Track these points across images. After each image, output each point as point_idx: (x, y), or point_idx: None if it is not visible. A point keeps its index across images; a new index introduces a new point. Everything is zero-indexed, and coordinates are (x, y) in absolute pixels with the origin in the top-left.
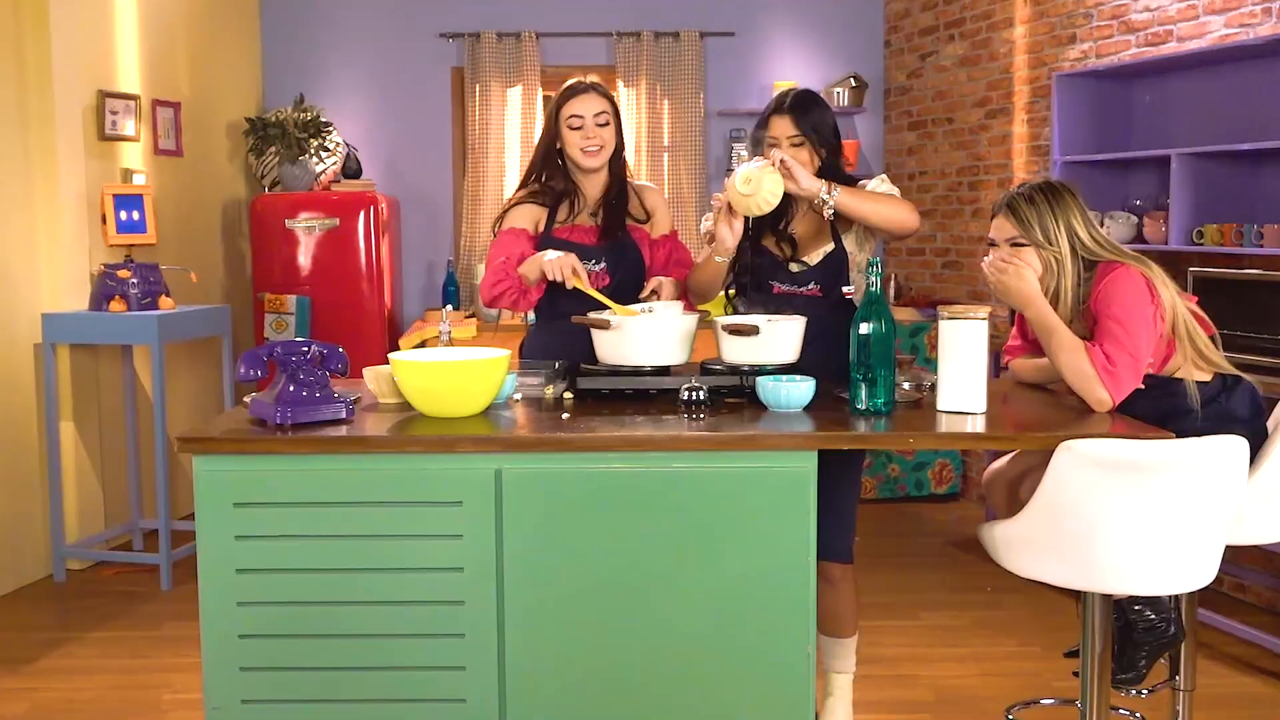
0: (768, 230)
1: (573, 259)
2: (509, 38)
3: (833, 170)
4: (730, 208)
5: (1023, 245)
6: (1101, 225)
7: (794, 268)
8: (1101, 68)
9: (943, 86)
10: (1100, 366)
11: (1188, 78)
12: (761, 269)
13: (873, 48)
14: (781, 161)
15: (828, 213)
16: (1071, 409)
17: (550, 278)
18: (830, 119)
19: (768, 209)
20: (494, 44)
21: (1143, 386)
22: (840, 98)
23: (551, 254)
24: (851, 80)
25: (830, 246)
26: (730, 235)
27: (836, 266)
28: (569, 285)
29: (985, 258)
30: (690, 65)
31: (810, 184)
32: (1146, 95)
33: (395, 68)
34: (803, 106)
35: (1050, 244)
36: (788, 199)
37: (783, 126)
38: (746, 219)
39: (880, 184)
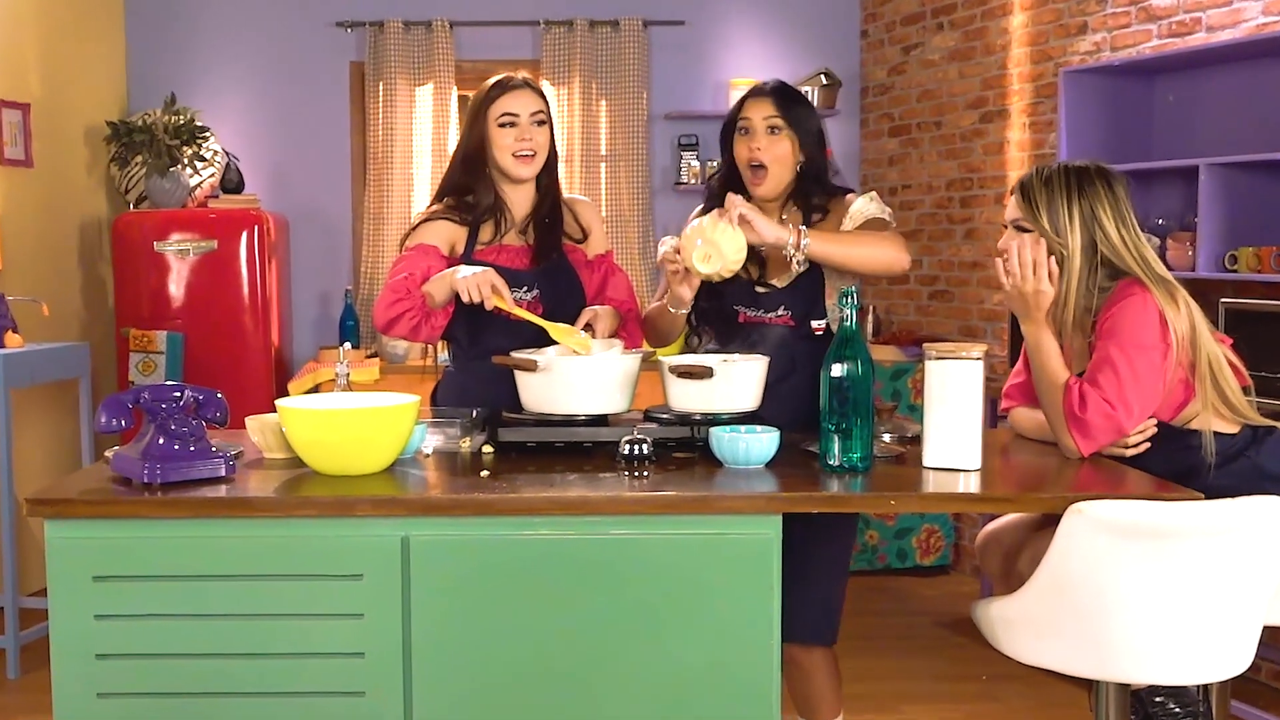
0: None
1: (492, 275)
2: (418, 27)
3: (818, 180)
4: (687, 270)
5: (1026, 230)
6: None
7: (760, 290)
8: (1117, 62)
9: (930, 85)
10: (1070, 409)
11: (1219, 74)
12: (725, 293)
13: (847, 39)
14: (740, 214)
15: (797, 263)
16: (1080, 462)
17: (465, 298)
18: (816, 118)
19: (736, 268)
20: (400, 34)
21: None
22: (810, 97)
23: (465, 270)
24: (822, 77)
25: (803, 269)
26: (689, 291)
27: (811, 291)
28: (489, 305)
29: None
30: (632, 59)
31: (774, 234)
32: (1170, 95)
33: (283, 63)
34: (787, 93)
35: (1057, 234)
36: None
37: (761, 108)
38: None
39: (869, 204)
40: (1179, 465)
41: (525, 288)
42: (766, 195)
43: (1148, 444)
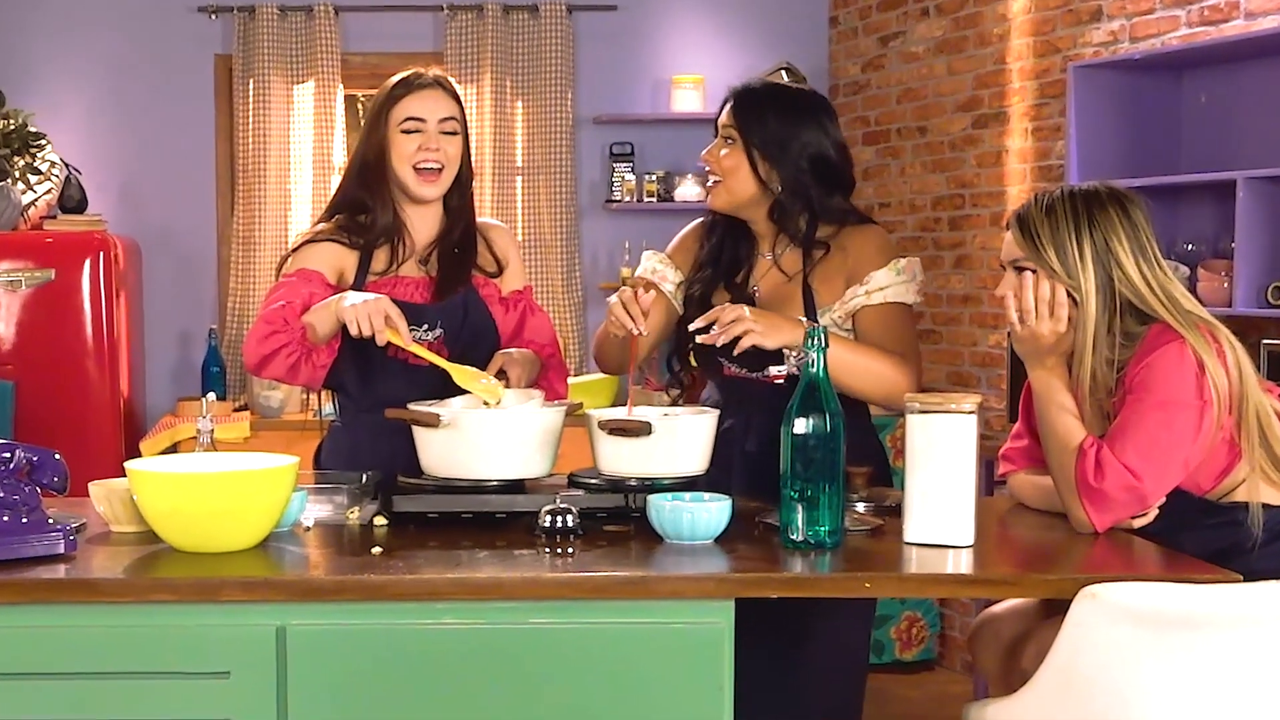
0: (721, 285)
1: (386, 303)
2: (296, 13)
3: (803, 207)
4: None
5: (1027, 269)
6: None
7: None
8: (1138, 56)
9: (913, 83)
10: (1083, 477)
11: (1260, 69)
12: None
13: (813, 27)
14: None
15: (796, 368)
16: (1094, 537)
17: (353, 330)
18: (811, 139)
19: None
20: (275, 22)
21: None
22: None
23: (354, 296)
24: (783, 74)
25: (800, 319)
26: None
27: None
28: (380, 340)
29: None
30: (554, 52)
31: (783, 338)
32: (1201, 95)
33: (134, 56)
34: (754, 100)
35: (1068, 274)
36: (750, 236)
37: (725, 113)
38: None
39: (895, 277)
40: (1216, 544)
41: (426, 325)
42: (720, 209)
43: (1156, 511)
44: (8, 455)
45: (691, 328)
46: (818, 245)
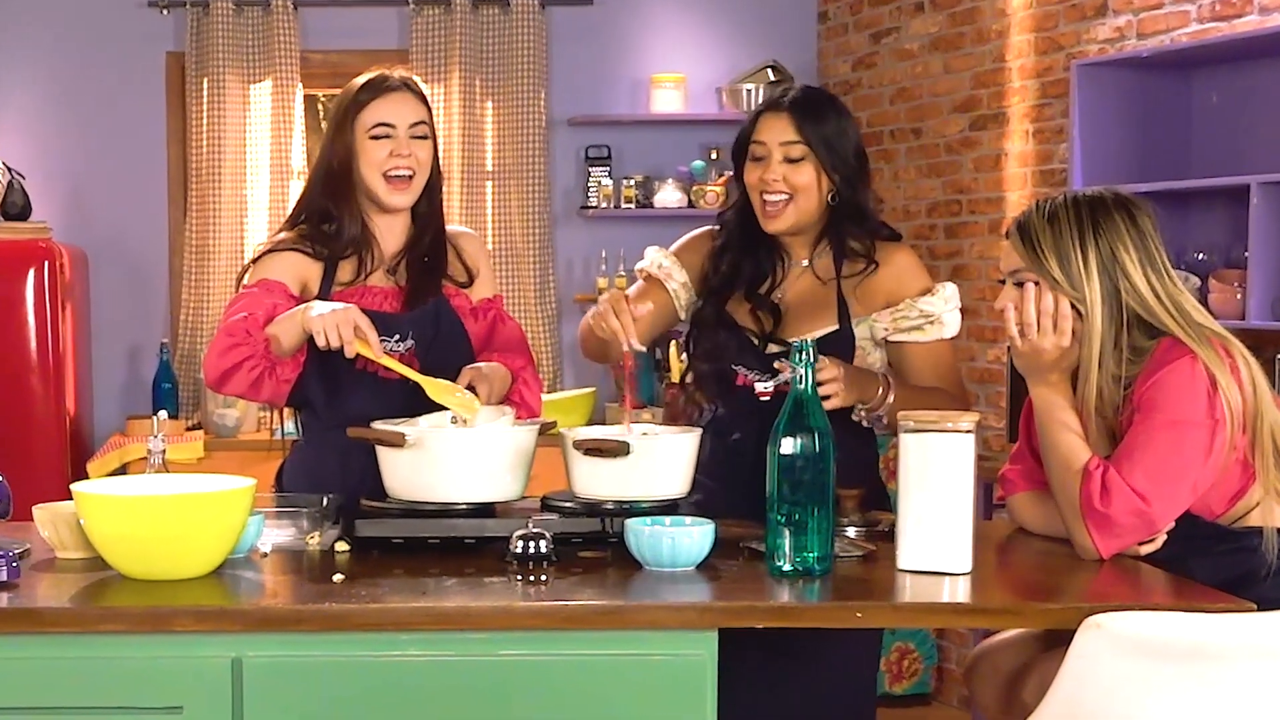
0: (742, 292)
1: (355, 313)
2: (252, 8)
3: (857, 215)
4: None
5: (1028, 280)
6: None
7: (772, 349)
8: (1145, 53)
9: (907, 82)
10: (1089, 501)
11: (1273, 68)
12: (725, 347)
13: (801, 23)
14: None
15: (867, 420)
16: (1099, 564)
17: (320, 341)
18: (853, 134)
19: None
20: (229, 17)
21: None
22: (754, 98)
23: (321, 306)
24: (769, 72)
25: (832, 327)
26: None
27: (841, 354)
28: (349, 351)
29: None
30: (526, 50)
31: (856, 394)
32: (1213, 95)
33: (81, 53)
34: (812, 106)
35: (1071, 285)
36: (769, 249)
37: (777, 128)
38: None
39: (944, 306)
40: (1228, 572)
41: (397, 336)
42: (783, 230)
43: (1164, 537)
44: None
45: (761, 389)
46: (855, 255)
